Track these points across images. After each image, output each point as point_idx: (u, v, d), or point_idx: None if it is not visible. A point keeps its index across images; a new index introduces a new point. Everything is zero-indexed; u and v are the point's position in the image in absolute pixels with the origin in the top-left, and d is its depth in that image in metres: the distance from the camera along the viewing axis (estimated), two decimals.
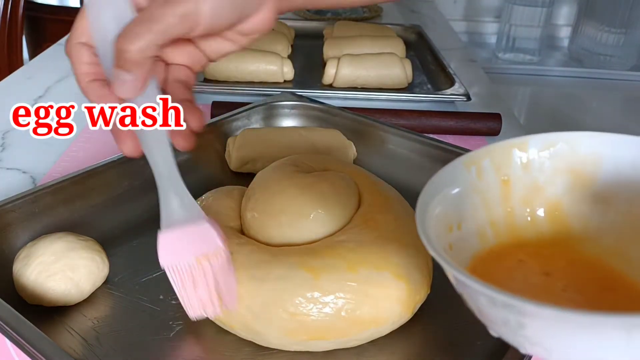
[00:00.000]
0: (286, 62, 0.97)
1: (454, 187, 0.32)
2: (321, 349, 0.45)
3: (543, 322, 0.24)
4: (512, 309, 0.24)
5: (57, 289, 0.47)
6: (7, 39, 1.74)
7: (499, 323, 0.27)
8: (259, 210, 0.49)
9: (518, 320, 0.25)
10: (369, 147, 0.72)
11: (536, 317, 0.24)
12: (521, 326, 0.25)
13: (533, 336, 0.25)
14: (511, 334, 0.27)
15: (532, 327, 0.25)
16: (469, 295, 0.27)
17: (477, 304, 0.27)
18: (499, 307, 0.25)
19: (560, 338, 0.25)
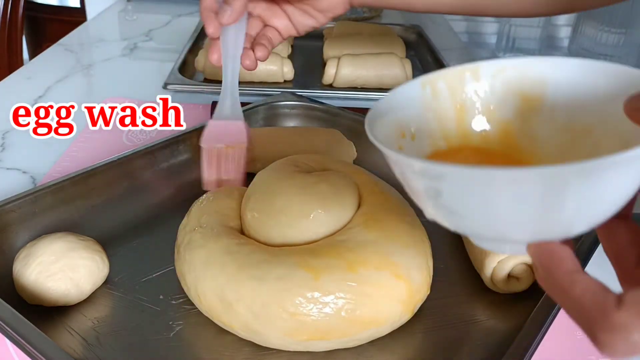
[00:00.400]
0: (286, 62, 0.97)
1: (409, 102, 0.35)
2: (321, 349, 0.45)
3: (454, 184, 0.26)
4: (428, 174, 0.26)
5: (57, 289, 0.47)
6: (7, 39, 1.74)
7: (423, 196, 0.28)
8: (259, 210, 0.50)
9: (435, 187, 0.27)
10: (369, 147, 0.72)
11: (447, 179, 0.26)
12: (438, 193, 0.27)
13: (448, 201, 0.27)
14: (435, 206, 0.28)
15: (445, 191, 0.26)
16: (400, 174, 0.29)
17: (406, 180, 0.29)
18: (419, 176, 0.27)
19: (473, 200, 0.26)
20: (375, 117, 0.32)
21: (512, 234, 0.28)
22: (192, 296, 0.47)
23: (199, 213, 0.51)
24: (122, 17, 1.36)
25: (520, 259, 0.50)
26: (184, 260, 0.48)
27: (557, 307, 0.46)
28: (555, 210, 0.25)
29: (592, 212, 0.26)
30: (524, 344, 0.42)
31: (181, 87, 0.89)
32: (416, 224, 0.50)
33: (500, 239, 0.29)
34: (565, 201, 0.25)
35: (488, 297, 0.52)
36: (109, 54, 1.11)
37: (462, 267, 0.55)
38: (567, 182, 0.24)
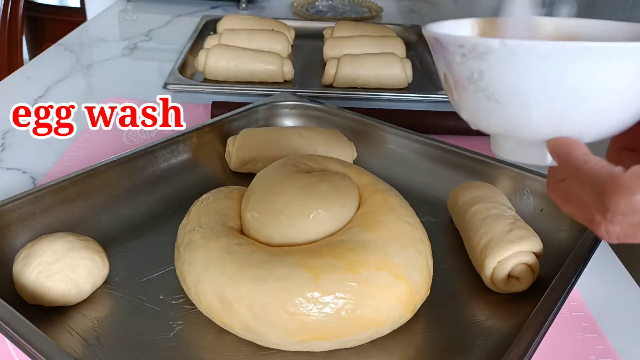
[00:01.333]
0: (286, 62, 0.97)
1: None
2: (321, 349, 0.45)
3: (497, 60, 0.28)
4: (475, 53, 0.29)
5: (57, 289, 0.47)
6: (7, 39, 1.74)
7: (466, 84, 0.31)
8: (259, 210, 0.49)
9: (479, 68, 0.29)
10: (369, 147, 0.72)
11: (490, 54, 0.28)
12: (480, 75, 0.29)
13: (489, 83, 0.29)
14: (474, 93, 0.31)
15: (488, 71, 0.29)
16: (446, 61, 0.31)
17: (452, 69, 0.31)
18: (466, 58, 0.29)
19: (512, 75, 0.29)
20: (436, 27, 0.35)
21: (539, 125, 0.30)
22: (192, 296, 0.47)
23: (199, 213, 0.51)
24: (122, 17, 1.36)
25: (520, 259, 0.50)
26: (184, 261, 0.48)
27: (557, 307, 0.46)
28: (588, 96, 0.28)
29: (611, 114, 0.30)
30: (524, 344, 0.42)
31: (181, 87, 0.89)
32: (416, 224, 0.50)
33: (525, 136, 0.31)
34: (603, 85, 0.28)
35: (488, 297, 0.52)
36: (109, 54, 1.11)
37: (462, 267, 0.55)
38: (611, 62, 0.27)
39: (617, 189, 0.28)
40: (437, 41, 0.31)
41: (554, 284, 0.48)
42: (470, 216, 0.56)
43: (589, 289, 0.54)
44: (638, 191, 0.27)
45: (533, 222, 0.55)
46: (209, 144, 0.70)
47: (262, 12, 1.42)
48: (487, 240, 0.52)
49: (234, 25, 1.10)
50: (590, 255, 0.51)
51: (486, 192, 0.58)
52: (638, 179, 0.27)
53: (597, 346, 0.49)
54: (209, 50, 0.96)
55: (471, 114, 0.33)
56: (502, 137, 0.33)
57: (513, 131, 0.32)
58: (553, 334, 0.48)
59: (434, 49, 0.33)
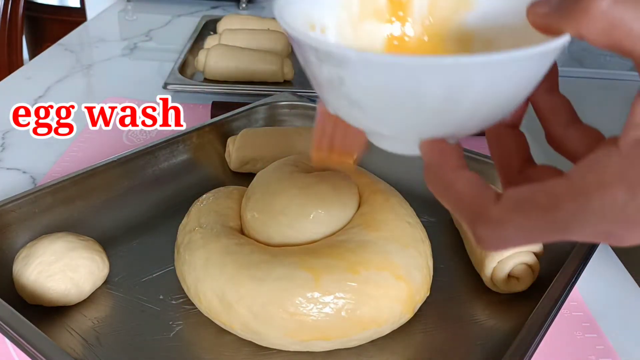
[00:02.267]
0: (286, 62, 0.97)
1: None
2: (321, 349, 0.45)
3: (354, 69, 0.25)
4: (332, 60, 0.26)
5: (57, 289, 0.47)
6: (7, 39, 1.74)
7: (326, 86, 0.28)
8: (259, 210, 0.49)
9: (338, 74, 0.26)
10: (369, 147, 0.72)
11: (351, 65, 0.25)
12: (341, 82, 0.26)
13: (350, 91, 0.27)
14: (336, 97, 0.28)
15: (348, 78, 0.26)
16: (305, 61, 0.28)
17: (311, 67, 0.28)
18: (323, 62, 0.26)
19: (374, 90, 0.26)
20: (286, 3, 0.31)
21: (407, 130, 0.28)
22: (192, 296, 0.47)
23: (199, 213, 0.51)
24: (122, 17, 1.36)
25: (521, 259, 0.50)
26: (184, 261, 0.48)
27: (557, 307, 0.46)
28: (451, 105, 0.26)
29: (484, 112, 0.27)
30: (524, 344, 0.42)
31: (181, 87, 0.89)
32: (416, 224, 0.50)
33: (396, 135, 0.30)
34: (461, 96, 0.25)
35: (488, 297, 0.52)
36: (109, 54, 1.11)
37: (462, 267, 0.55)
38: (466, 75, 0.24)
39: (487, 221, 0.25)
40: (290, 36, 0.28)
41: (554, 284, 0.48)
42: None
43: (589, 289, 0.54)
44: (507, 226, 0.25)
45: None
46: (209, 144, 0.70)
47: (262, 12, 1.42)
48: None
49: (234, 25, 1.10)
50: (590, 255, 0.51)
51: None
52: (508, 212, 0.25)
53: (597, 346, 0.49)
54: (209, 50, 0.96)
55: (337, 111, 0.30)
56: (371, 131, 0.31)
57: (381, 132, 0.30)
58: (553, 334, 0.48)
59: (292, 39, 0.29)
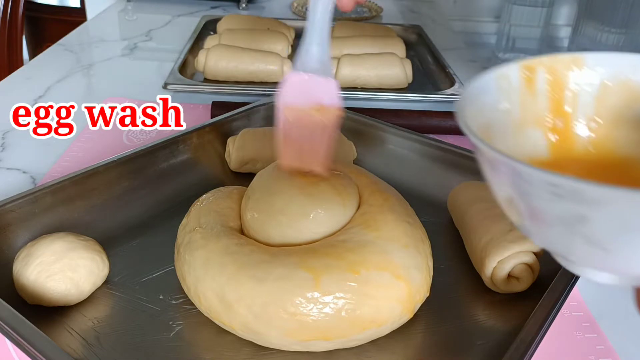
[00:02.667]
0: (286, 62, 0.97)
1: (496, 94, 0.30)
2: (321, 349, 0.45)
3: (613, 209, 0.22)
4: (578, 197, 0.22)
5: (57, 289, 0.47)
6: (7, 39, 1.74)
7: (553, 222, 0.24)
8: (258, 210, 0.50)
9: (580, 212, 0.22)
10: (369, 147, 0.72)
11: (607, 204, 0.21)
12: (582, 220, 0.23)
13: (595, 232, 0.23)
14: (566, 234, 0.24)
15: (597, 219, 0.22)
16: (523, 192, 0.24)
17: (532, 201, 0.24)
18: (560, 198, 0.22)
19: (630, 229, 0.22)
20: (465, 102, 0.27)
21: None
22: (192, 296, 0.47)
23: (199, 213, 0.51)
24: (122, 17, 1.36)
25: (521, 259, 0.50)
26: (184, 261, 0.48)
27: (557, 307, 0.46)
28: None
29: None
30: (524, 344, 0.42)
31: (181, 87, 0.89)
32: (416, 224, 0.50)
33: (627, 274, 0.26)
34: None
35: (488, 297, 0.52)
36: (109, 54, 1.11)
37: (462, 267, 0.55)
38: None
39: None
40: (506, 165, 0.24)
41: (554, 284, 0.48)
42: (470, 216, 0.56)
43: (589, 289, 0.54)
44: None
45: None
46: (209, 144, 0.71)
47: (262, 12, 1.42)
48: (487, 240, 0.52)
49: (234, 25, 1.10)
50: None
51: (486, 192, 0.58)
52: None
53: (597, 346, 0.49)
54: (209, 50, 0.96)
55: (553, 247, 0.26)
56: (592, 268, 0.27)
57: (614, 271, 0.26)
58: (553, 334, 0.48)
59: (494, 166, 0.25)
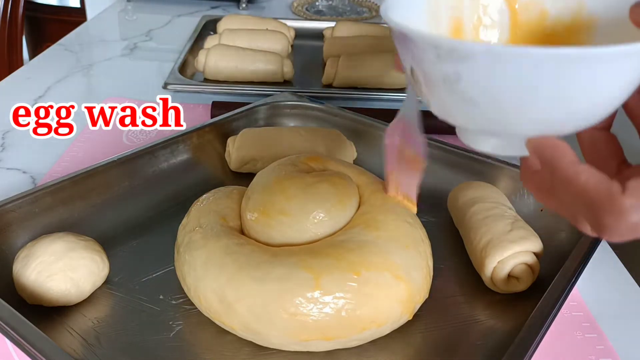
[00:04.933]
0: (286, 62, 0.97)
1: None
2: (321, 349, 0.45)
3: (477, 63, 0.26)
4: (453, 55, 0.27)
5: (57, 289, 0.47)
6: (7, 39, 1.74)
7: (439, 84, 0.29)
8: (259, 211, 0.49)
9: (456, 70, 0.27)
10: (369, 147, 0.72)
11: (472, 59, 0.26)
12: (457, 78, 0.27)
13: (466, 86, 0.28)
14: (449, 94, 0.29)
15: (466, 74, 0.27)
16: (415, 58, 0.29)
17: (423, 66, 0.29)
18: (441, 59, 0.27)
19: (495, 85, 0.27)
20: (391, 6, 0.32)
21: (517, 126, 0.29)
22: (192, 296, 0.47)
23: (199, 213, 0.51)
24: (122, 17, 1.36)
25: (520, 259, 0.50)
26: (184, 261, 0.48)
27: (557, 307, 0.46)
28: (567, 98, 0.27)
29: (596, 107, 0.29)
30: (524, 344, 0.42)
31: (181, 87, 0.89)
32: (416, 224, 0.50)
33: (504, 132, 0.30)
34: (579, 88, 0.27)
35: (488, 297, 0.52)
36: (109, 54, 1.11)
37: (462, 267, 0.55)
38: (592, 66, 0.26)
39: (615, 212, 0.27)
40: (405, 36, 0.29)
41: (554, 284, 0.48)
42: (470, 216, 0.56)
43: (589, 289, 0.54)
44: (637, 212, 0.27)
45: (533, 222, 0.55)
46: (209, 144, 0.70)
47: (262, 12, 1.42)
48: (487, 240, 0.52)
49: (234, 25, 1.10)
50: (590, 255, 0.51)
51: (486, 192, 0.58)
52: (637, 200, 0.27)
53: (597, 346, 0.49)
54: (209, 50, 0.96)
55: (442, 110, 0.31)
56: (474, 131, 0.32)
57: (488, 129, 0.31)
58: (553, 334, 0.48)
59: (399, 41, 0.30)
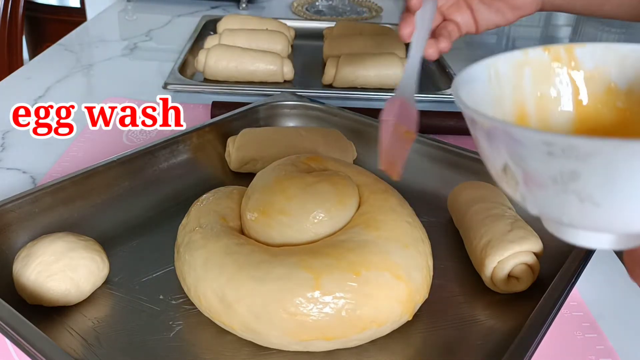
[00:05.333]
0: (286, 62, 0.97)
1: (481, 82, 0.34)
2: (321, 349, 0.45)
3: (601, 161, 0.23)
4: (570, 153, 0.24)
5: (57, 289, 0.47)
6: (7, 39, 1.74)
7: (547, 183, 0.26)
8: (259, 211, 0.49)
9: (572, 169, 0.24)
10: (369, 147, 0.72)
11: (596, 156, 0.23)
12: (573, 176, 0.24)
13: (586, 186, 0.24)
14: (558, 194, 0.26)
15: (587, 173, 0.24)
16: (518, 156, 0.26)
17: (527, 164, 0.26)
18: (553, 157, 0.24)
19: (620, 179, 0.24)
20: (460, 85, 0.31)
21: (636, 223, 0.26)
22: (192, 296, 0.47)
23: (199, 213, 0.51)
24: (122, 17, 1.36)
25: (521, 259, 0.50)
26: (184, 261, 0.48)
27: (557, 307, 0.46)
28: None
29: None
30: (524, 344, 0.42)
31: (181, 87, 0.89)
32: (416, 224, 0.50)
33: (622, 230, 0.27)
34: None
35: (488, 297, 0.52)
36: (109, 54, 1.11)
37: (462, 267, 0.55)
38: None
39: None
40: (503, 131, 0.26)
41: (554, 284, 0.48)
42: (470, 216, 0.56)
43: (589, 289, 0.54)
44: None
45: (533, 222, 0.55)
46: (209, 144, 0.71)
47: (262, 12, 1.42)
48: (487, 240, 0.52)
49: (234, 25, 1.10)
50: (590, 255, 0.51)
51: (486, 192, 0.58)
52: None
53: (597, 346, 0.49)
54: (209, 50, 0.96)
55: (547, 211, 0.28)
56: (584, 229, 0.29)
57: (605, 229, 0.27)
58: (553, 334, 0.48)
59: (490, 136, 0.27)
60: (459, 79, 0.32)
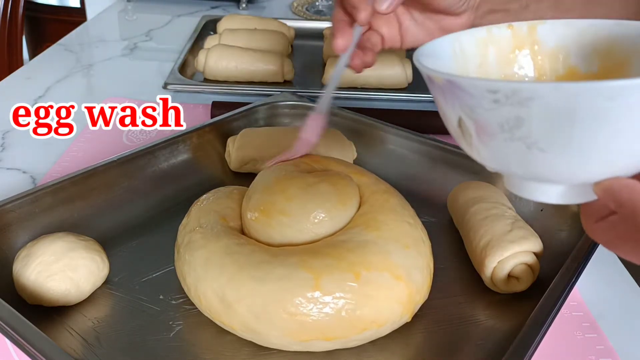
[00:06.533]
0: (286, 62, 0.97)
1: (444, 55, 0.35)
2: (321, 349, 0.45)
3: (543, 104, 0.24)
4: (514, 99, 0.25)
5: (57, 289, 0.47)
6: (7, 39, 1.73)
7: (496, 132, 0.27)
8: (259, 211, 0.49)
9: (517, 114, 0.25)
10: (369, 147, 0.72)
11: (538, 100, 0.24)
12: (519, 123, 0.26)
13: (530, 131, 0.26)
14: (507, 142, 0.27)
15: (530, 118, 0.25)
16: (468, 107, 0.27)
17: (476, 114, 0.27)
18: (499, 104, 0.25)
19: (560, 122, 0.25)
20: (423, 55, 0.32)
21: (588, 169, 0.27)
22: (192, 296, 0.47)
23: (199, 213, 0.51)
24: (122, 17, 1.36)
25: (520, 259, 0.50)
26: (184, 261, 0.48)
27: (557, 307, 0.46)
28: None
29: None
30: (524, 344, 0.42)
31: (181, 87, 0.89)
32: (417, 225, 0.50)
33: (572, 178, 0.28)
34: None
35: (488, 297, 0.52)
36: (109, 54, 1.11)
37: (462, 267, 0.55)
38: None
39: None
40: (453, 84, 0.27)
41: (554, 284, 0.48)
42: (470, 216, 0.56)
43: (589, 289, 0.54)
44: None
45: (533, 222, 0.55)
46: (209, 144, 0.70)
47: (262, 12, 1.42)
48: (487, 240, 0.52)
49: (234, 25, 1.10)
50: (590, 255, 0.51)
51: (486, 192, 0.58)
52: None
53: (597, 346, 0.49)
54: (209, 50, 0.96)
55: (500, 162, 0.29)
56: (533, 180, 0.30)
57: (554, 178, 0.28)
58: (553, 334, 0.48)
59: (444, 91, 0.28)
60: (422, 49, 0.33)
